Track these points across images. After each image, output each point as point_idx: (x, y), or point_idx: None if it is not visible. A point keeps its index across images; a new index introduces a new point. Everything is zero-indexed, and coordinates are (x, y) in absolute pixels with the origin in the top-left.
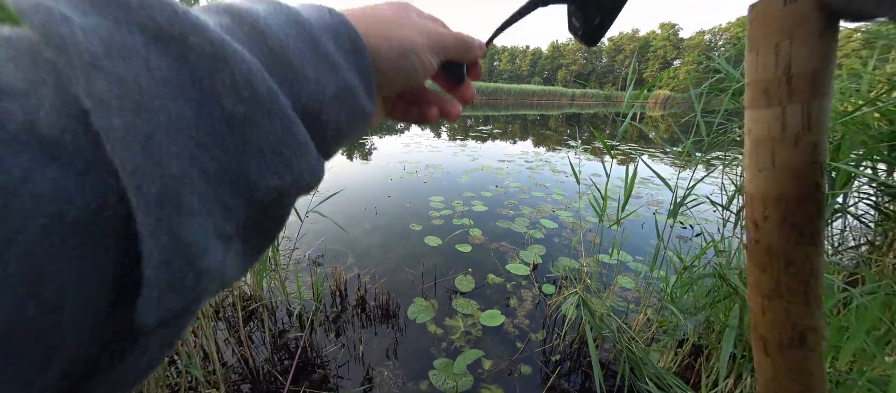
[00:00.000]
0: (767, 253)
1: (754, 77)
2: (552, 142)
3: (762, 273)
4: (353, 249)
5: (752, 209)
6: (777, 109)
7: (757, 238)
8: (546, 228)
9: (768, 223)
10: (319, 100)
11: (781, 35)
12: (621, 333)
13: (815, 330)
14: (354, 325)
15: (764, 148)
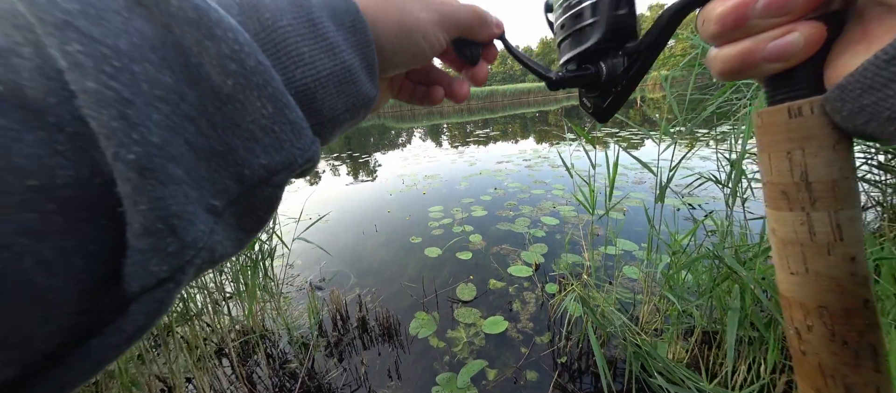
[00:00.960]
0: (820, 371)
1: (770, 178)
2: (552, 137)
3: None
4: (354, 269)
5: (791, 314)
6: (801, 214)
7: (803, 350)
8: (547, 225)
9: (814, 336)
10: (314, 79)
11: (792, 144)
12: (626, 327)
13: None
14: (357, 347)
15: (793, 251)
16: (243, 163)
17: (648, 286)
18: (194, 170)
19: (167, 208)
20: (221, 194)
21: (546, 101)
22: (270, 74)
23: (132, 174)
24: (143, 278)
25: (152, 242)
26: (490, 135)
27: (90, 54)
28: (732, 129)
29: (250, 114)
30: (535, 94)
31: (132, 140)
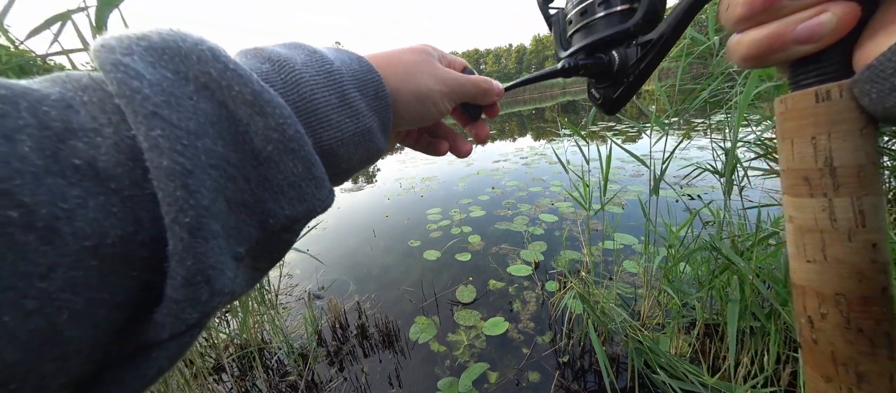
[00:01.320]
0: (832, 360)
1: (791, 165)
2: (549, 134)
3: (827, 383)
4: (353, 276)
5: (804, 303)
6: (823, 200)
7: (815, 338)
8: (546, 222)
9: (827, 324)
10: (339, 140)
11: (818, 129)
12: (626, 324)
13: None
14: (357, 355)
15: (811, 238)
16: (270, 214)
17: (648, 280)
18: (227, 222)
19: (206, 261)
20: (245, 241)
21: (542, 99)
22: (304, 140)
23: (184, 234)
24: (174, 326)
25: (189, 293)
26: None
27: (168, 137)
28: (726, 117)
29: (282, 173)
30: (530, 91)
31: (189, 205)
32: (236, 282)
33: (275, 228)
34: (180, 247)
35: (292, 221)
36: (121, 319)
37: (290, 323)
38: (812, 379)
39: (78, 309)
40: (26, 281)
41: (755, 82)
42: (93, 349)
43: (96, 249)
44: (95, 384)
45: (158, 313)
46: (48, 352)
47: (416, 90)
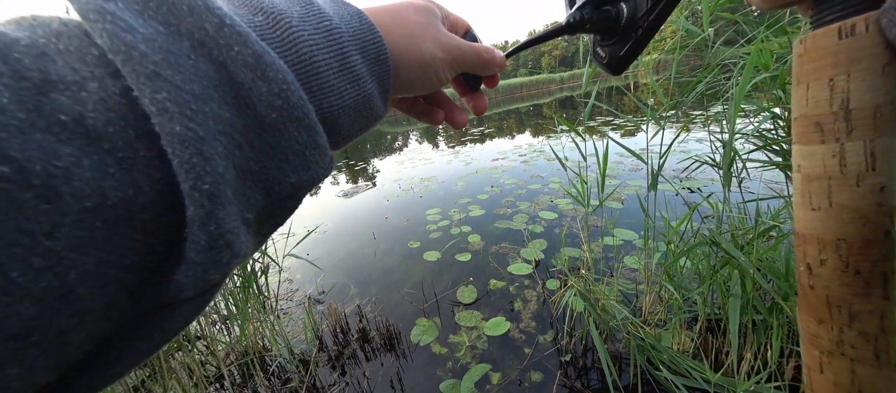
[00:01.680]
0: (826, 303)
1: (803, 111)
2: (547, 130)
3: (819, 325)
4: (354, 279)
5: (805, 250)
6: (834, 146)
7: (811, 284)
8: (545, 220)
9: (826, 269)
10: (340, 108)
11: (837, 70)
12: (627, 320)
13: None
14: (358, 359)
15: (818, 186)
16: (274, 181)
17: (648, 276)
18: (237, 189)
19: (226, 226)
20: (253, 207)
21: (539, 95)
22: (308, 108)
23: (205, 201)
24: (200, 285)
25: (213, 256)
26: (485, 132)
27: (175, 101)
28: (723, 109)
29: (287, 140)
30: (527, 87)
31: (206, 172)
32: (247, 245)
33: (280, 196)
34: (202, 213)
35: (297, 189)
36: (132, 280)
37: (291, 328)
38: (805, 323)
39: (86, 268)
40: (31, 238)
41: (751, 73)
42: (107, 307)
43: (97, 211)
44: (119, 340)
45: (180, 275)
46: (63, 309)
47: (420, 57)
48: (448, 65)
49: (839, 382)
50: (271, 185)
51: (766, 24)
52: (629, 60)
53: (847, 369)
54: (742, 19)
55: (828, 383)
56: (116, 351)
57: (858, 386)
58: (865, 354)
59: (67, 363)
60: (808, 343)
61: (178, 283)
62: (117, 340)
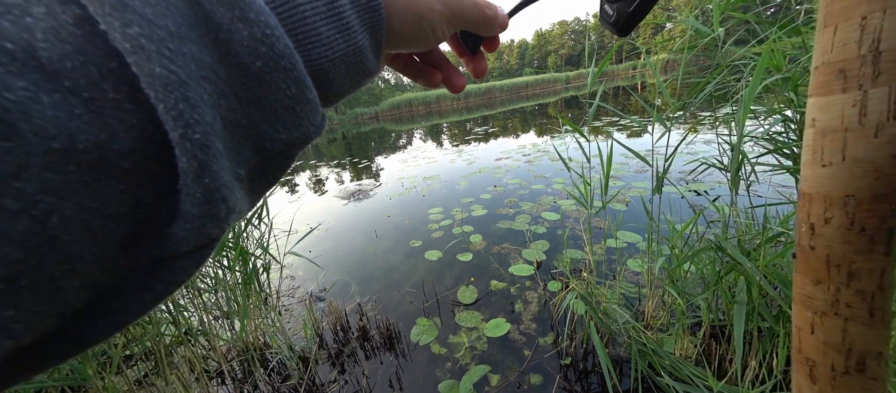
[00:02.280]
0: (825, 263)
1: (827, 57)
2: (552, 130)
3: (815, 286)
4: (355, 277)
5: (809, 210)
6: (856, 94)
7: (812, 244)
8: (548, 221)
9: (829, 227)
10: (330, 60)
11: (871, 6)
12: (629, 324)
13: (880, 356)
14: (358, 357)
15: (832, 140)
16: (264, 136)
17: (652, 280)
18: (226, 142)
19: (221, 180)
20: (244, 164)
21: (544, 94)
22: (296, 58)
23: (198, 152)
24: (199, 239)
25: (209, 210)
26: (489, 132)
27: (151, 37)
28: (732, 110)
29: (274, 93)
30: (532, 87)
31: (195, 121)
32: (242, 202)
33: (271, 153)
34: (196, 165)
35: (288, 147)
36: (120, 231)
37: (291, 325)
38: (801, 285)
39: (67, 215)
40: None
41: (762, 74)
42: (99, 257)
43: (68, 154)
44: (120, 291)
45: (178, 228)
46: (50, 254)
47: (415, 8)
48: (446, 19)
49: (830, 342)
50: (262, 142)
51: (780, 24)
52: (639, 18)
53: (839, 328)
54: (754, 19)
55: (819, 343)
56: (120, 302)
57: (849, 344)
58: (859, 313)
59: (68, 311)
60: (802, 305)
61: (177, 236)
62: (119, 291)
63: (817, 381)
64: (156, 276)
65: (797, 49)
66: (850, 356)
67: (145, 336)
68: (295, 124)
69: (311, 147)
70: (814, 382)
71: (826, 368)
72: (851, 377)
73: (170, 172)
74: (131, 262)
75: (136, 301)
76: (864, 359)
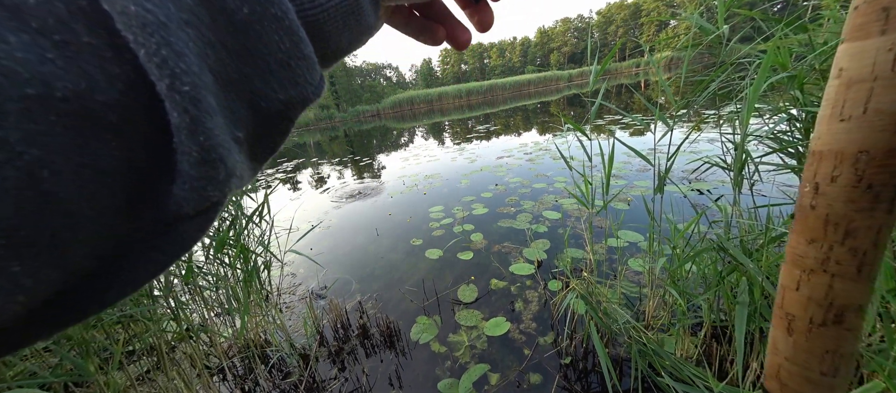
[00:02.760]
0: (823, 222)
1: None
2: (554, 128)
3: (809, 245)
4: (356, 275)
5: (817, 169)
6: (894, 36)
7: (813, 204)
8: (549, 220)
9: (834, 186)
10: (324, 11)
11: None
12: (629, 324)
13: (859, 309)
14: (358, 355)
15: (858, 91)
16: (260, 95)
17: (652, 280)
18: (219, 99)
19: (217, 138)
20: (241, 125)
21: (546, 92)
22: (286, 6)
23: (189, 106)
24: (199, 202)
25: (207, 171)
26: (491, 130)
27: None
28: (737, 108)
29: (266, 45)
30: (535, 84)
31: (182, 71)
32: (243, 167)
33: (269, 113)
34: (188, 120)
35: (287, 106)
36: (118, 191)
37: (292, 323)
38: (794, 244)
39: (58, 168)
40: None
41: (767, 72)
42: (99, 215)
43: (45, 101)
44: (127, 254)
45: (177, 188)
46: (47, 209)
47: None
48: None
49: (813, 297)
50: (257, 100)
51: (786, 22)
52: None
53: (825, 284)
54: (760, 16)
55: (802, 298)
56: (129, 265)
57: (831, 298)
58: (848, 270)
59: (76, 271)
60: (791, 264)
61: (177, 197)
62: (126, 254)
63: (794, 333)
64: (161, 239)
65: (803, 46)
66: (830, 310)
67: (147, 333)
68: (292, 82)
69: (313, 144)
70: (790, 335)
71: (804, 321)
72: (827, 329)
73: (162, 129)
74: (134, 224)
75: (144, 264)
76: (843, 312)
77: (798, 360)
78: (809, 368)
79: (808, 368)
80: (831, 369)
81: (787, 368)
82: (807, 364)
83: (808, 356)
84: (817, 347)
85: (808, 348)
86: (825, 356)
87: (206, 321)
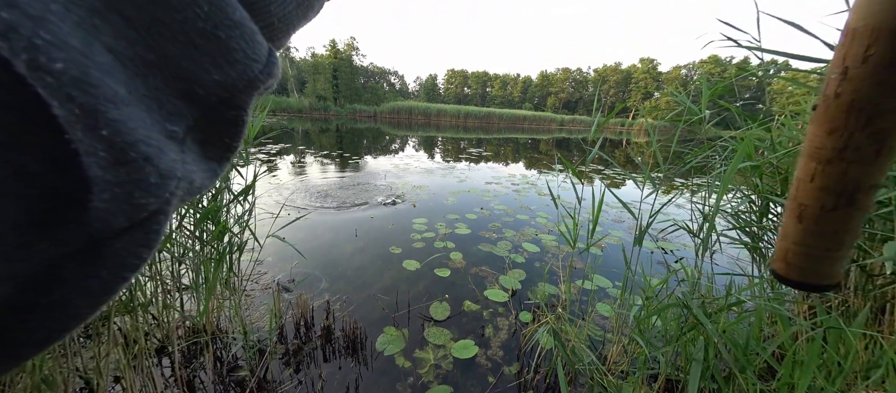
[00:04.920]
0: (847, 109)
1: None
2: (541, 165)
3: (828, 136)
4: (328, 273)
5: (848, 50)
6: None
7: (839, 91)
8: (528, 252)
9: (866, 67)
10: None
11: None
12: (593, 365)
13: (872, 188)
14: (317, 358)
15: None
16: (188, 78)
17: (619, 326)
18: (132, 86)
19: (133, 133)
20: (175, 117)
21: (539, 131)
22: None
23: (73, 91)
24: (130, 212)
25: (129, 173)
26: (482, 154)
27: None
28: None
29: (179, 11)
30: (530, 121)
31: (46, 42)
32: (188, 167)
33: (209, 102)
34: (78, 111)
35: (229, 91)
36: (13, 207)
37: (250, 313)
38: (813, 137)
39: None
40: None
41: (741, 158)
42: (16, 231)
43: None
44: (58, 283)
45: (96, 198)
46: None
47: None
48: None
49: (825, 186)
50: (189, 86)
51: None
52: None
53: (840, 173)
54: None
55: (815, 189)
56: (61, 294)
57: (843, 185)
58: (866, 155)
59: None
60: (809, 157)
61: (98, 209)
62: (57, 281)
63: (804, 220)
64: (97, 261)
65: (763, 143)
66: (842, 195)
67: None
68: (227, 59)
69: (301, 131)
70: (800, 222)
71: (816, 209)
72: (838, 212)
73: (52, 127)
74: (58, 245)
75: (81, 291)
76: (855, 193)
77: (805, 242)
78: (816, 247)
79: (815, 247)
80: (836, 245)
81: (794, 250)
82: (814, 244)
83: (815, 238)
84: (827, 230)
85: (817, 231)
86: (833, 235)
87: (158, 295)
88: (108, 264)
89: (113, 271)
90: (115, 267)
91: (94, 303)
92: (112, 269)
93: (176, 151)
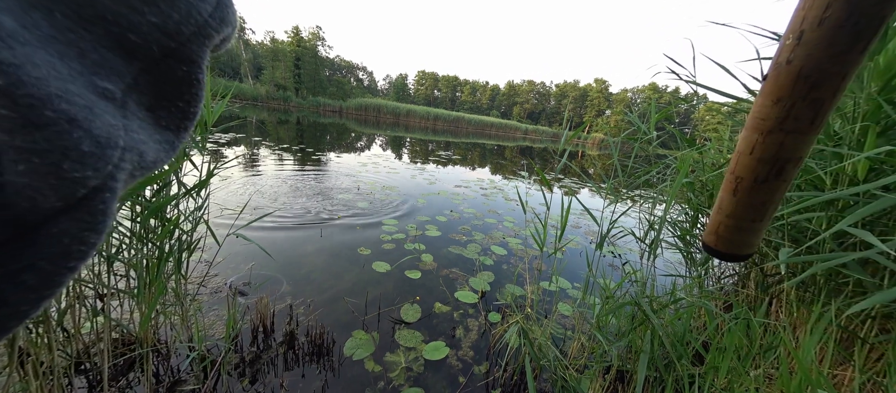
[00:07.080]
0: (795, 76)
1: None
2: (507, 171)
3: (774, 105)
4: (289, 276)
5: (809, 12)
6: None
7: (791, 58)
8: (496, 254)
9: (820, 30)
10: None
11: None
12: (557, 362)
13: (799, 160)
14: (277, 366)
15: None
16: (123, 24)
17: (579, 324)
18: (44, 32)
19: (48, 87)
20: (105, 71)
21: (504, 137)
22: None
23: None
24: (63, 189)
25: (50, 139)
26: (451, 157)
27: None
28: (656, 197)
29: None
30: (497, 128)
31: None
32: (135, 136)
33: (150, 53)
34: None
35: (171, 37)
36: None
37: (199, 321)
38: (759, 108)
39: None
40: None
41: (685, 174)
42: None
43: None
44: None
45: (8, 172)
46: None
47: None
48: None
49: (763, 157)
50: (122, 33)
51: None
52: None
53: (778, 143)
54: (678, 134)
55: (753, 161)
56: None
57: (777, 156)
58: (802, 124)
59: None
60: (752, 129)
61: (16, 184)
62: None
63: (738, 192)
64: (30, 250)
65: (696, 163)
66: (774, 165)
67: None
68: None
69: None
70: (734, 195)
71: (750, 181)
72: (768, 183)
73: None
74: None
75: (16, 286)
76: (785, 165)
77: (736, 214)
78: (744, 219)
79: (744, 218)
80: (761, 215)
81: (725, 223)
82: (744, 215)
83: (746, 209)
84: (756, 201)
85: (748, 203)
86: (760, 207)
87: (74, 303)
88: (46, 253)
89: (54, 261)
90: (57, 256)
91: (35, 299)
92: (52, 259)
93: (114, 115)
